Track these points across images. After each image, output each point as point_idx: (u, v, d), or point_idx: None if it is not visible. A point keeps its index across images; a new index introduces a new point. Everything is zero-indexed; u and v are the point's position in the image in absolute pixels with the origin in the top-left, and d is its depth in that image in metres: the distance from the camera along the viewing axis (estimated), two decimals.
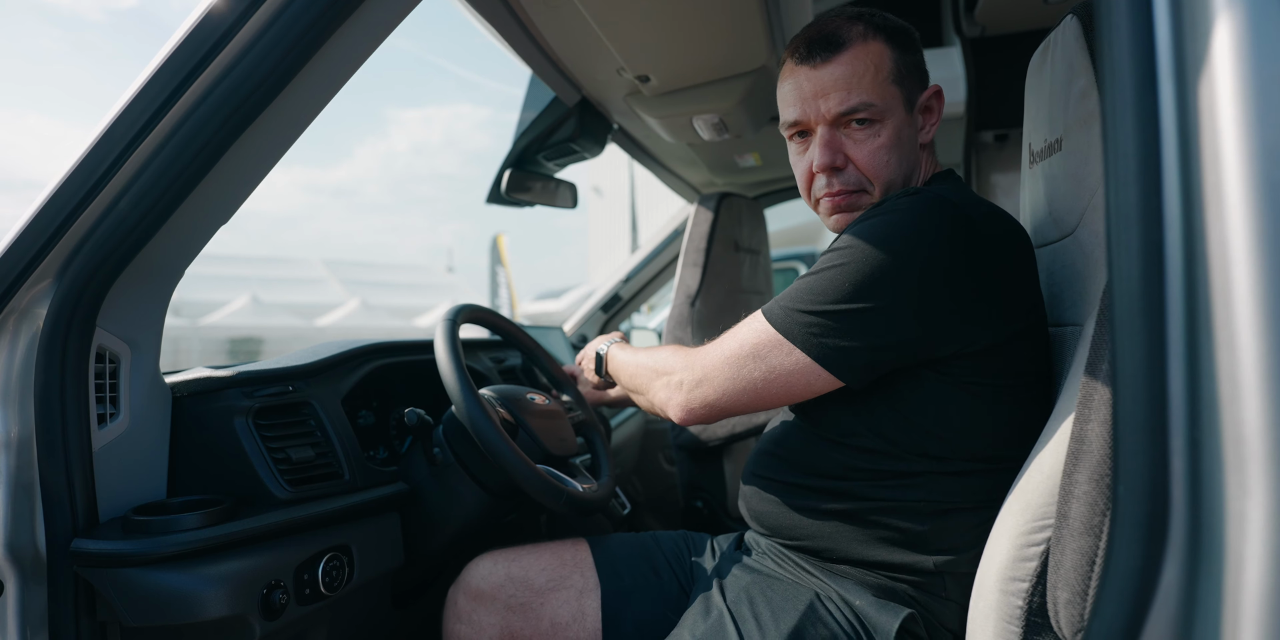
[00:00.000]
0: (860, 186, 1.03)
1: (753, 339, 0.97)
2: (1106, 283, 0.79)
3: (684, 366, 1.05)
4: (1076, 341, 0.91)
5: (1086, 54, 0.89)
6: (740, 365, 0.97)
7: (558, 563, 1.20)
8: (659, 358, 1.12)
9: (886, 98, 1.00)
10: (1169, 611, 0.53)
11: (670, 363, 1.08)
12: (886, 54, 1.00)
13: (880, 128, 1.00)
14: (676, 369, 1.06)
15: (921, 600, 0.97)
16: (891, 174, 1.02)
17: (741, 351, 0.97)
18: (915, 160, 1.05)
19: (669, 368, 1.07)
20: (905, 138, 1.02)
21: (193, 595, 0.94)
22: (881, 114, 1.00)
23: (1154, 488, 0.54)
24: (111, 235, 0.93)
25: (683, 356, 1.07)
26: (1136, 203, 0.55)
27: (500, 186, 1.95)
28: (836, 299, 0.91)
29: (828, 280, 0.92)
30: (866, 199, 1.04)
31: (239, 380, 1.15)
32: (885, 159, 1.01)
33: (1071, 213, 0.92)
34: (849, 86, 0.99)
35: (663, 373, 1.08)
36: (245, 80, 0.89)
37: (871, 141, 1.01)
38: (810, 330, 0.92)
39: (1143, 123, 0.55)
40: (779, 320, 0.95)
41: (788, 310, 0.94)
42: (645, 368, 1.15)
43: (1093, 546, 0.70)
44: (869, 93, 0.99)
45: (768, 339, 0.95)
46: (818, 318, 0.92)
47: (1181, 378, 0.53)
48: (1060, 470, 0.79)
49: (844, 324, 0.91)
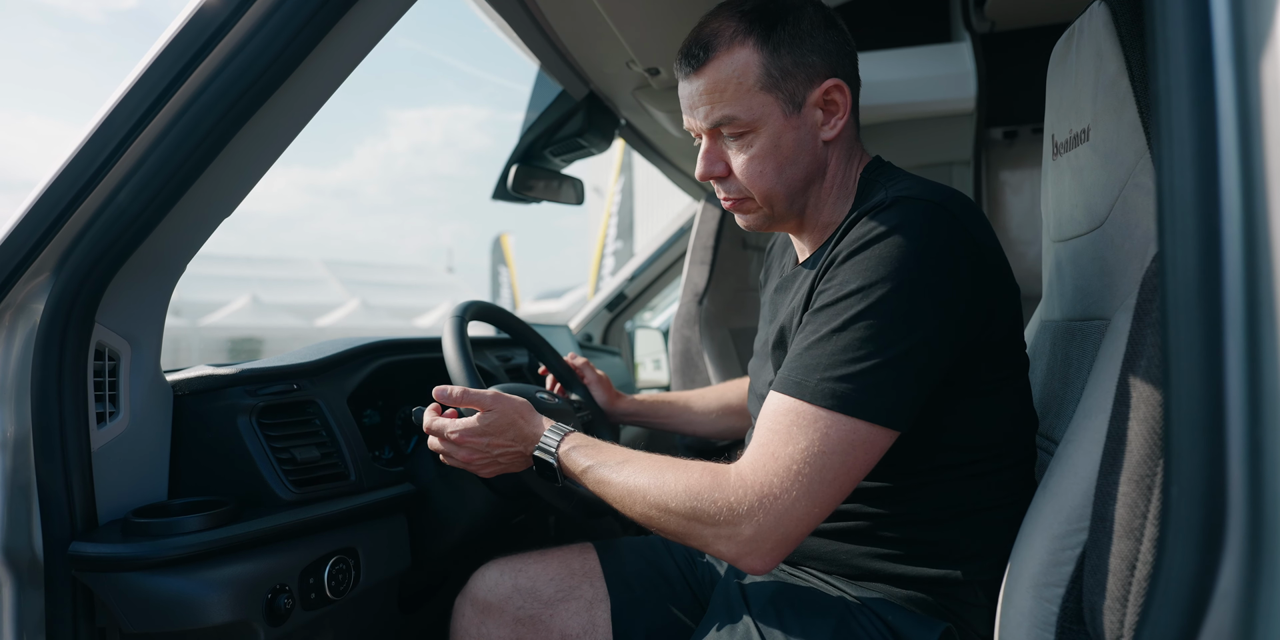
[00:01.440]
0: (744, 195, 1.01)
1: (814, 435, 0.82)
2: (1145, 275, 0.76)
3: (735, 508, 0.83)
4: (1100, 336, 0.89)
5: (1116, 41, 0.86)
6: (815, 473, 0.82)
7: (566, 572, 1.17)
8: (672, 488, 0.88)
9: (754, 107, 0.95)
10: (1227, 618, 0.51)
11: (703, 502, 0.85)
12: (753, 61, 0.94)
13: (753, 137, 0.96)
14: (723, 514, 0.84)
15: (955, 609, 0.94)
16: (769, 183, 0.98)
17: (809, 456, 0.82)
18: (811, 162, 0.99)
19: (708, 511, 0.85)
20: (788, 143, 0.96)
21: (195, 600, 0.92)
22: (751, 124, 0.95)
23: (1210, 489, 0.52)
24: (111, 228, 0.90)
25: (719, 489, 0.85)
26: (1193, 188, 0.52)
27: (507, 182, 1.92)
28: (877, 351, 0.83)
29: (862, 334, 0.83)
30: (751, 205, 1.01)
31: (242, 378, 1.13)
32: (759, 169, 0.97)
33: (1101, 204, 0.90)
34: (713, 99, 0.96)
35: (705, 520, 0.85)
36: (247, 69, 0.87)
37: (744, 152, 0.97)
38: (870, 393, 0.82)
39: (1199, 104, 0.52)
40: (831, 397, 0.82)
41: (835, 382, 0.83)
42: (662, 507, 0.88)
43: (1133, 550, 0.67)
44: (732, 105, 0.95)
45: (831, 424, 0.82)
46: (870, 377, 0.82)
47: (1240, 374, 0.50)
48: (1095, 471, 0.76)
49: (896, 374, 0.83)
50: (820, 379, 0.83)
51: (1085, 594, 0.73)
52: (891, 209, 0.88)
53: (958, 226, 0.87)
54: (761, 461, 0.84)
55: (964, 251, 0.86)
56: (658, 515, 0.89)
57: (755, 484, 0.83)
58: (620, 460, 0.96)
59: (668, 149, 2.37)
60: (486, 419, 1.04)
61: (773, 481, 0.82)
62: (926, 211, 0.87)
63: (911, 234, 0.85)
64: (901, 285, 0.83)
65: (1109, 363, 0.82)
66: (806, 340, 0.87)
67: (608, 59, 1.67)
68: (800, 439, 0.83)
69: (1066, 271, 1.02)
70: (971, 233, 0.87)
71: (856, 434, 0.82)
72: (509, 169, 1.95)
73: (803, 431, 0.83)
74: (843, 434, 0.82)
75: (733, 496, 0.84)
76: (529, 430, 1.05)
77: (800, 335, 0.89)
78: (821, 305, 0.88)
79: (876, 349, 0.83)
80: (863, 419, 0.82)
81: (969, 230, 0.87)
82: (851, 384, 0.82)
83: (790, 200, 1.00)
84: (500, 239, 13.80)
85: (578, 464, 0.98)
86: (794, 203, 1.01)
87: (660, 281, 2.96)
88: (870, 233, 0.87)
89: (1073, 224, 0.99)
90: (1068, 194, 1.00)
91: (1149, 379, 0.68)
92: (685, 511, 0.86)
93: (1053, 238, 1.08)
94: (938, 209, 0.87)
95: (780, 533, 0.83)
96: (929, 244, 0.84)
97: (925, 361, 0.84)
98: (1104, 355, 0.85)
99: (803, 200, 1.01)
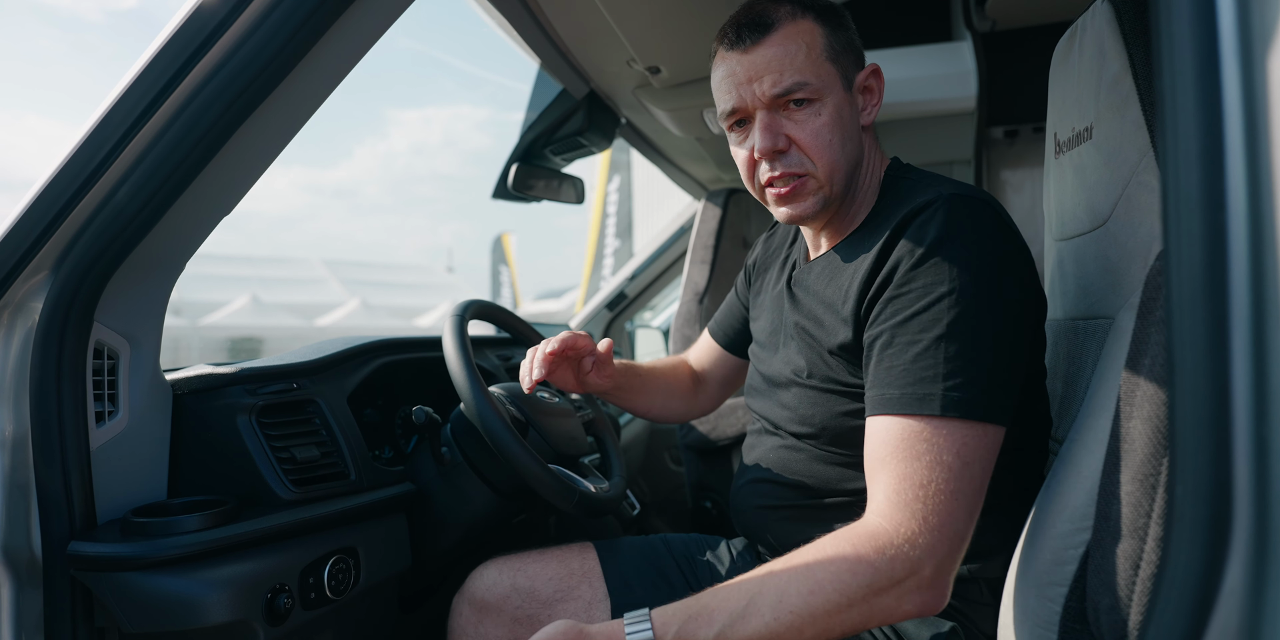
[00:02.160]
0: (804, 169, 0.97)
1: (954, 448, 0.80)
2: (1149, 273, 0.76)
3: (910, 555, 0.77)
4: (1105, 335, 0.88)
5: (1119, 39, 0.86)
6: (966, 487, 0.79)
7: (565, 572, 1.17)
8: (833, 582, 0.76)
9: (823, 75, 0.95)
10: (1233, 617, 0.51)
11: (877, 570, 0.76)
12: (818, 31, 0.96)
13: (820, 106, 0.96)
14: (900, 568, 0.77)
15: (959, 608, 0.93)
16: (835, 155, 0.97)
17: (955, 471, 0.79)
18: (859, 143, 1.00)
19: (886, 575, 0.76)
20: (847, 118, 0.98)
21: (194, 600, 0.91)
22: (819, 92, 0.95)
23: (1216, 487, 0.51)
24: (110, 226, 0.90)
25: (882, 548, 0.77)
26: (1198, 185, 0.52)
27: (507, 181, 1.92)
28: (986, 353, 0.83)
29: (967, 338, 0.83)
30: (812, 184, 0.98)
31: (242, 377, 1.12)
32: (829, 138, 0.96)
33: (1105, 202, 0.89)
34: (782, 67, 0.94)
35: (886, 587, 0.77)
36: (246, 67, 0.87)
37: (813, 120, 0.96)
38: (990, 396, 0.82)
39: (1204, 100, 0.52)
40: (962, 405, 0.80)
41: (959, 390, 0.81)
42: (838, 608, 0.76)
43: (1137, 549, 0.67)
44: (804, 71, 0.94)
45: (967, 433, 0.80)
46: (986, 380, 0.82)
47: (1246, 371, 0.50)
48: (1099, 469, 0.76)
49: (1004, 373, 0.84)
50: (945, 390, 0.81)
51: (1089, 593, 0.72)
52: (949, 209, 0.88)
53: (1008, 225, 0.89)
54: (912, 493, 0.79)
55: (1019, 250, 0.89)
56: (839, 620, 0.76)
57: (919, 519, 0.78)
58: (746, 598, 0.77)
59: (668, 148, 2.37)
60: None
61: (936, 509, 0.78)
62: (983, 210, 0.88)
63: (980, 235, 0.86)
64: (987, 286, 0.84)
65: (1113, 361, 0.82)
66: (907, 352, 0.85)
67: (608, 58, 1.66)
68: (944, 456, 0.80)
69: (1069, 270, 1.02)
70: (1016, 231, 0.90)
71: (988, 437, 0.82)
72: (509, 168, 1.94)
73: (944, 448, 0.80)
74: (979, 440, 0.81)
75: (904, 544, 0.77)
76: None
77: (894, 349, 0.86)
78: (910, 313, 0.86)
79: (983, 351, 0.83)
80: (991, 422, 0.82)
81: (1014, 228, 0.90)
82: (974, 390, 0.81)
83: (848, 178, 0.99)
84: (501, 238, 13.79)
85: (699, 636, 0.77)
86: (849, 182, 1.00)
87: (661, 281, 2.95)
88: (937, 234, 0.87)
89: (1075, 222, 0.98)
90: (1070, 192, 0.99)
91: (1153, 377, 0.68)
92: (864, 592, 0.76)
93: (1055, 236, 1.08)
94: (989, 207, 0.89)
95: (955, 557, 0.79)
96: (996, 243, 0.86)
97: (1019, 355, 0.86)
98: (1108, 354, 0.85)
99: (854, 181, 1.01)
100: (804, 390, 1.01)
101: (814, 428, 0.99)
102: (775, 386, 1.09)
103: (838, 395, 0.96)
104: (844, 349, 0.94)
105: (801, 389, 1.01)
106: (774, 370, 1.10)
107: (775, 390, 1.09)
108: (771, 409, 1.09)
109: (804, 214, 1.00)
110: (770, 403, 1.10)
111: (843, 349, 0.94)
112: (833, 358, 0.96)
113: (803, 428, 1.01)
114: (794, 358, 1.04)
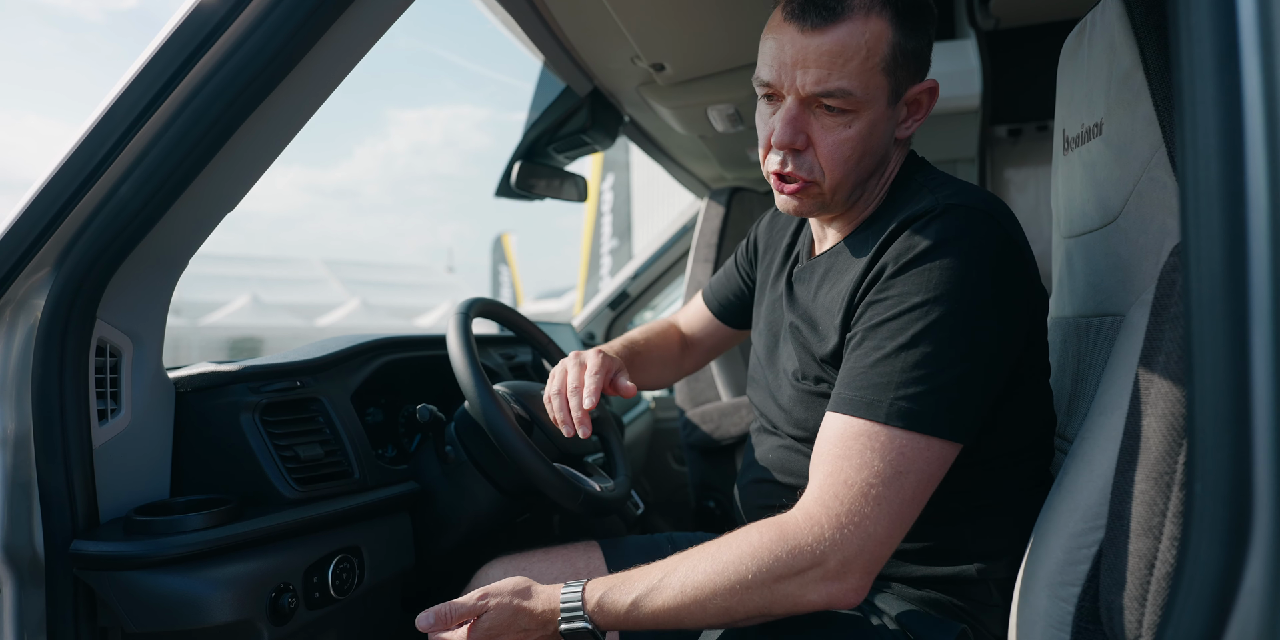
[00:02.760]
0: (812, 177, 0.93)
1: (890, 455, 0.80)
2: (1163, 269, 0.75)
3: (815, 547, 0.79)
4: (1115, 332, 0.88)
5: (1130, 34, 0.85)
6: (894, 494, 0.79)
7: (570, 572, 1.16)
8: (737, 564, 0.80)
9: (870, 87, 0.88)
10: (1253, 616, 0.50)
11: (778, 557, 0.79)
12: (886, 36, 0.87)
13: (854, 119, 0.89)
14: (804, 558, 0.79)
15: (969, 610, 0.93)
16: (848, 171, 0.92)
17: (886, 477, 0.79)
18: (883, 157, 0.96)
19: (787, 563, 0.79)
20: (879, 133, 0.92)
21: (198, 599, 0.90)
22: (859, 104, 0.88)
23: (1236, 485, 0.51)
24: (113, 222, 0.89)
25: (789, 538, 0.80)
26: (1218, 179, 0.51)
27: (510, 179, 1.91)
28: (946, 367, 0.81)
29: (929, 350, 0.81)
30: (814, 190, 0.94)
31: (245, 375, 1.12)
32: (848, 154, 0.91)
33: (1115, 198, 0.89)
34: (832, 65, 0.86)
35: (787, 573, 0.79)
36: (251, 61, 0.86)
37: (840, 131, 0.90)
38: (943, 410, 0.81)
39: (1225, 92, 0.51)
40: (907, 417, 0.80)
41: (908, 401, 0.81)
42: (739, 588, 0.80)
43: (1151, 548, 0.66)
44: (852, 79, 0.87)
45: (907, 443, 0.80)
46: (941, 394, 0.81)
47: (1267, 367, 0.50)
48: (1112, 468, 0.75)
49: (965, 388, 0.82)
50: (894, 399, 0.81)
51: (1102, 593, 0.72)
52: (944, 218, 0.86)
53: (1006, 236, 0.86)
54: (834, 490, 0.80)
55: (1015, 261, 0.86)
56: (739, 600, 0.80)
57: (831, 515, 0.79)
58: (661, 573, 0.84)
59: (671, 146, 2.36)
60: (485, 622, 0.87)
61: (851, 508, 0.79)
62: (980, 221, 0.85)
63: (968, 246, 0.84)
64: (964, 299, 0.82)
65: (1125, 359, 0.81)
66: (869, 357, 0.84)
67: (612, 54, 1.66)
68: (875, 461, 0.80)
69: (1078, 267, 1.01)
70: (1016, 241, 0.87)
71: (931, 451, 0.81)
72: (512, 165, 1.94)
73: (877, 454, 0.80)
74: (919, 452, 0.80)
75: (808, 537, 0.79)
76: (541, 608, 0.87)
77: (860, 351, 0.86)
78: (882, 319, 0.85)
79: (945, 365, 0.81)
80: (937, 436, 0.81)
81: (1013, 238, 0.87)
82: (925, 402, 0.81)
83: (852, 190, 0.96)
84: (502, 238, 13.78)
85: (619, 604, 0.84)
86: (853, 193, 0.97)
87: (664, 280, 2.94)
88: (926, 243, 0.85)
89: (1084, 219, 0.98)
90: (1079, 189, 0.99)
91: (1168, 375, 0.67)
92: (764, 577, 0.79)
93: (1063, 233, 1.07)
94: (988, 218, 0.86)
95: (865, 557, 0.79)
96: (985, 256, 0.84)
97: (989, 373, 0.84)
98: (1119, 351, 0.84)
99: (860, 190, 0.98)
100: (799, 393, 1.00)
101: (808, 432, 0.98)
102: (772, 381, 1.09)
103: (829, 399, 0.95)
104: (834, 355, 0.93)
105: (796, 391, 1.00)
106: (771, 364, 1.09)
107: (772, 385, 1.08)
108: (769, 406, 1.08)
109: (799, 212, 0.99)
110: (767, 398, 1.09)
111: (834, 356, 0.93)
112: (824, 365, 0.95)
113: (798, 431, 1.01)
114: (789, 358, 1.03)
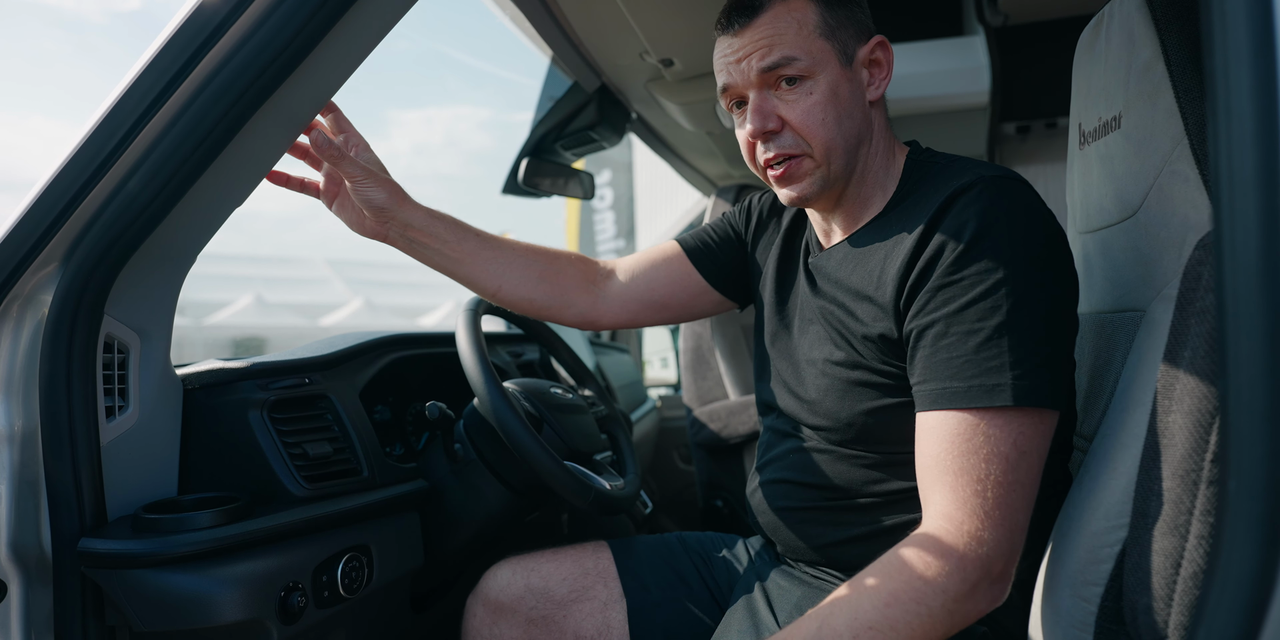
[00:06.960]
0: (799, 149, 0.95)
1: (1011, 439, 0.79)
2: (1188, 263, 0.74)
3: (977, 554, 0.76)
4: (1135, 328, 0.86)
5: (1151, 25, 0.84)
6: (1024, 476, 0.78)
7: (579, 572, 1.15)
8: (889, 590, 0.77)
9: (814, 52, 0.93)
10: None
11: (930, 572, 0.76)
12: (810, 8, 0.94)
13: (813, 84, 0.93)
14: (954, 568, 0.76)
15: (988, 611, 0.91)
16: (830, 133, 0.94)
17: (1012, 463, 0.78)
18: (863, 119, 0.97)
19: (943, 580, 0.75)
20: (845, 94, 0.95)
21: (207, 598, 0.90)
22: (810, 69, 0.93)
23: (1271, 482, 0.49)
24: (121, 217, 0.88)
25: (942, 553, 0.77)
26: (1254, 168, 0.50)
27: (517, 176, 1.91)
28: (1046, 338, 0.81)
29: (1027, 324, 0.81)
30: (808, 163, 0.95)
31: (253, 372, 1.11)
32: (821, 116, 0.93)
33: (1135, 191, 0.87)
34: (770, 44, 0.92)
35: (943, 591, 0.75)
36: (259, 55, 0.85)
37: (804, 100, 0.93)
38: (1050, 381, 0.80)
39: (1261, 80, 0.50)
40: (1030, 394, 0.79)
41: (1024, 378, 0.79)
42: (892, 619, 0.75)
43: (1177, 547, 0.65)
44: (792, 46, 0.92)
45: (1024, 422, 0.79)
46: (1048, 366, 0.81)
47: None
48: (1135, 466, 0.74)
49: (1062, 356, 0.84)
50: (1014, 378, 0.79)
51: (1126, 592, 0.71)
52: (996, 190, 0.86)
53: (1047, 207, 0.88)
54: (971, 489, 0.78)
55: (1061, 231, 0.88)
56: (923, 630, 0.75)
57: (979, 518, 0.77)
58: (813, 623, 0.79)
59: (678, 143, 2.35)
60: None
61: (998, 504, 0.77)
62: (1029, 191, 0.87)
63: (1031, 215, 0.85)
64: (1039, 268, 0.83)
65: (1147, 355, 0.80)
66: (967, 342, 0.82)
67: (621, 50, 1.65)
68: (1002, 448, 0.79)
69: (1096, 263, 1.00)
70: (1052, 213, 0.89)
71: (1045, 424, 0.81)
72: (519, 162, 1.93)
73: (1002, 440, 0.79)
74: (1035, 428, 0.80)
75: (970, 545, 0.76)
76: None
77: (950, 340, 0.83)
78: (967, 301, 0.83)
79: (1043, 337, 0.81)
80: (1050, 408, 0.81)
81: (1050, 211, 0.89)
82: (1039, 377, 0.80)
83: (847, 156, 0.96)
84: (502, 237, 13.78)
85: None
86: (849, 161, 0.97)
87: None
88: (986, 217, 0.84)
89: (1102, 214, 0.96)
90: (1096, 183, 0.97)
91: (1194, 370, 0.66)
92: (941, 599, 0.75)
93: (1080, 229, 1.06)
94: (1029, 188, 0.88)
95: (1016, 549, 0.78)
96: (1048, 224, 0.86)
97: (1070, 338, 0.86)
98: (1140, 347, 0.83)
99: (854, 161, 0.98)
100: (831, 381, 0.96)
101: (838, 423, 0.95)
102: (791, 375, 1.04)
103: (866, 388, 0.92)
104: (882, 338, 0.91)
105: (828, 380, 0.96)
106: (788, 356, 1.05)
107: (790, 380, 1.04)
108: (789, 402, 1.03)
109: (804, 195, 0.97)
110: (786, 394, 1.04)
111: (882, 338, 0.91)
112: (867, 343, 0.93)
113: (825, 421, 0.97)
114: (817, 345, 1.00)
